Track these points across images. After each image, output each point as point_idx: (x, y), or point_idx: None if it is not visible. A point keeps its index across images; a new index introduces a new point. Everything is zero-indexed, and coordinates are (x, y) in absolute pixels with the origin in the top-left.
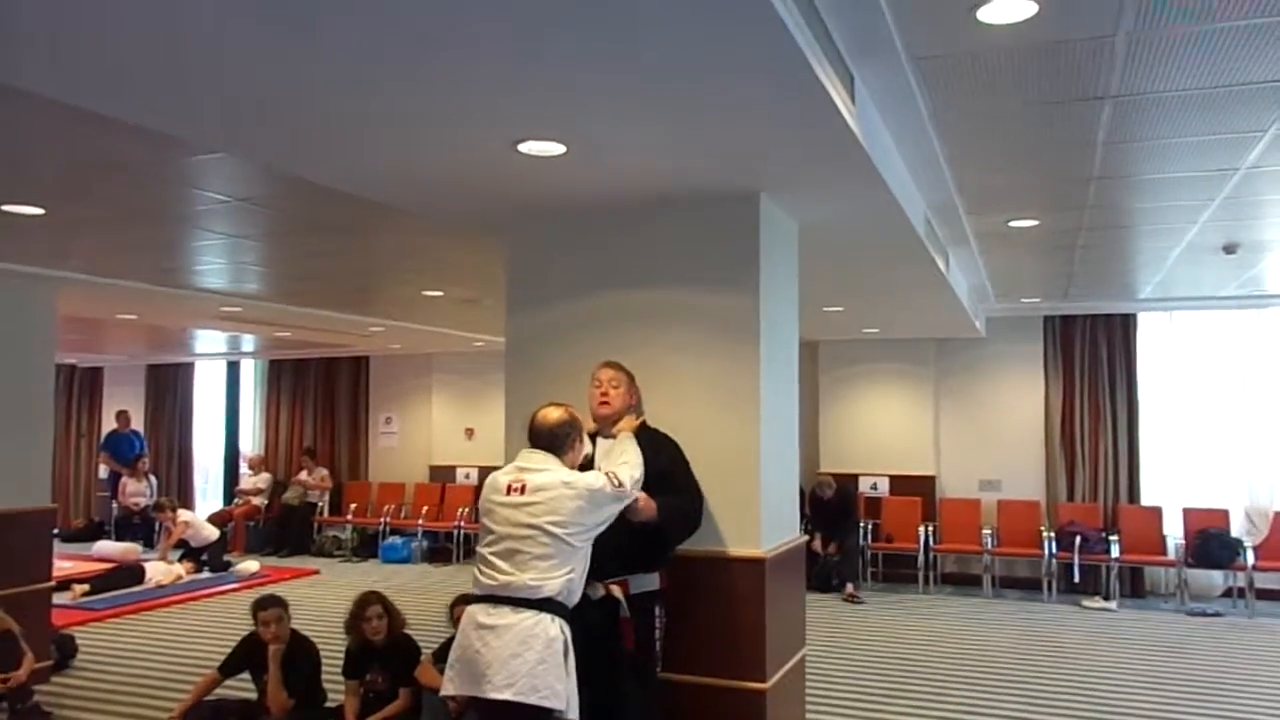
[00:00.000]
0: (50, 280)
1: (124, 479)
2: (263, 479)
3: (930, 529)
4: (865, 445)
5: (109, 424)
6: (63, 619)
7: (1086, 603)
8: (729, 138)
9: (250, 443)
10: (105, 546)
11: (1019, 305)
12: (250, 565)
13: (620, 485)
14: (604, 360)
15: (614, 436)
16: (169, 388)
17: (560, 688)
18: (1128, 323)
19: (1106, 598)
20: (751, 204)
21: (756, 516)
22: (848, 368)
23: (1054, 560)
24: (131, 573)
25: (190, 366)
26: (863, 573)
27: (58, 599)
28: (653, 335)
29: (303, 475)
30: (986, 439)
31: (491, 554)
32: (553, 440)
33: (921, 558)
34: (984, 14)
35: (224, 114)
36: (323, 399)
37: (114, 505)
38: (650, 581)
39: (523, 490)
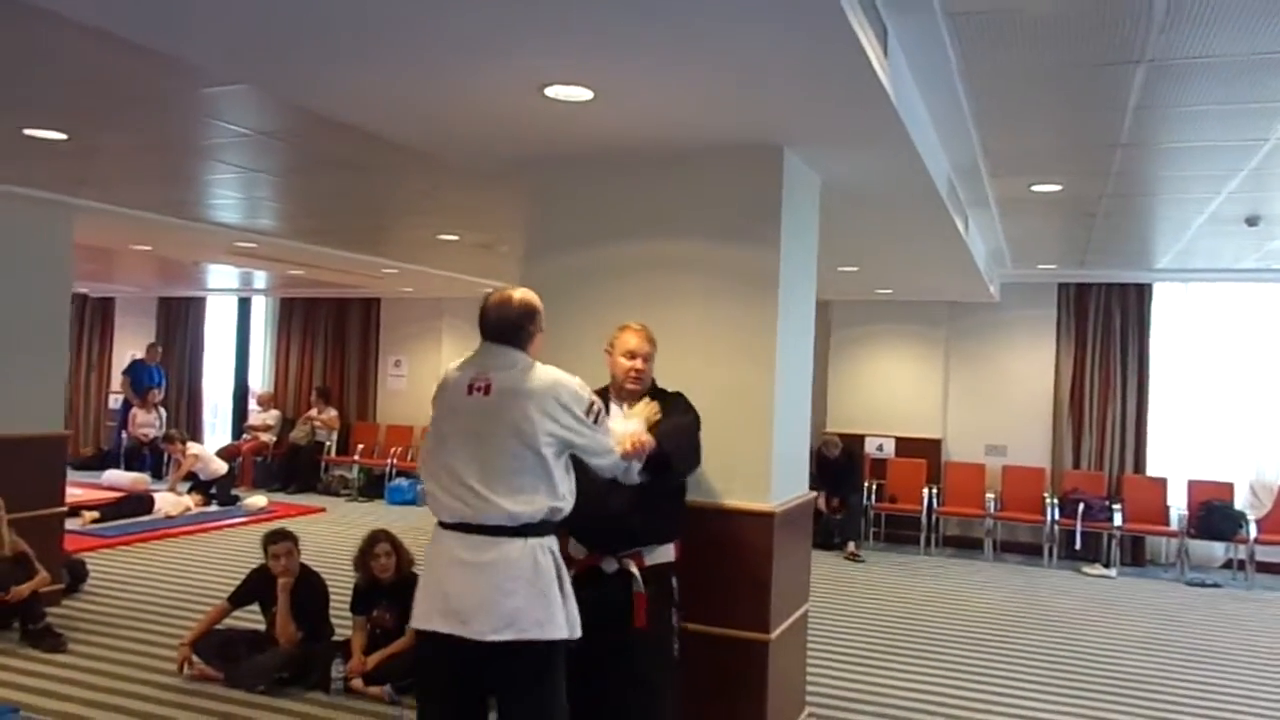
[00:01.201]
0: (68, 207)
1: (134, 409)
2: (271, 416)
3: (934, 491)
4: (873, 406)
5: (119, 355)
6: (73, 544)
7: (1086, 569)
8: (757, 88)
9: (260, 380)
10: (114, 476)
11: (1034, 271)
12: (258, 500)
13: (597, 423)
14: (631, 323)
15: (629, 404)
16: (180, 321)
17: (560, 616)
18: (1143, 292)
19: (1106, 565)
20: (775, 157)
21: (768, 470)
22: (859, 328)
23: (1056, 526)
24: (140, 502)
25: (201, 301)
26: (865, 532)
27: (68, 525)
28: (673, 285)
29: (312, 413)
30: (994, 404)
31: (458, 469)
32: (514, 330)
33: (924, 519)
34: None
35: (242, 42)
36: (333, 339)
37: (123, 435)
38: (665, 553)
39: (487, 390)
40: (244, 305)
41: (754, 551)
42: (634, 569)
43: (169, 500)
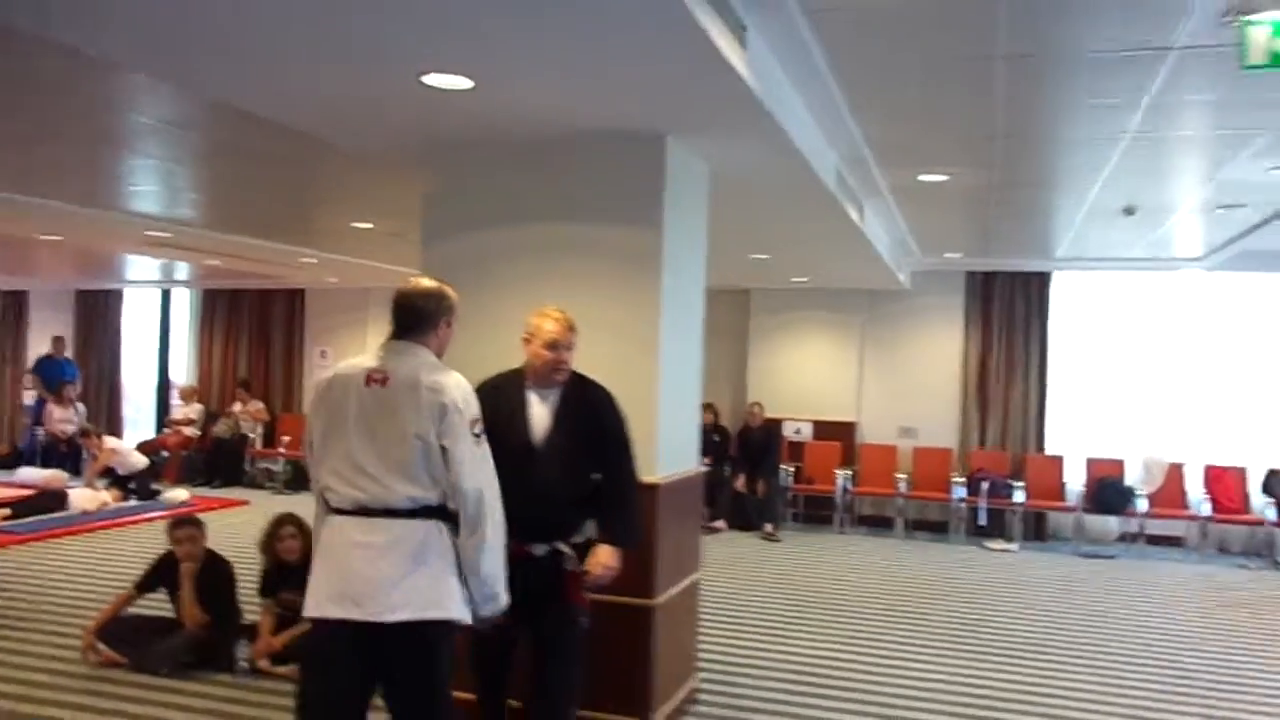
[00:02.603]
0: None
1: (49, 405)
2: (194, 409)
3: (849, 473)
4: (791, 391)
5: (34, 349)
6: None
7: (990, 545)
8: (630, 81)
9: (182, 373)
10: (28, 473)
11: (942, 260)
12: (179, 494)
13: (479, 436)
14: (550, 310)
15: (555, 387)
16: (99, 314)
17: (457, 597)
18: (1044, 280)
19: (1009, 540)
20: (658, 145)
21: (652, 446)
22: (778, 315)
23: (962, 504)
24: (54, 498)
25: (120, 293)
26: (783, 513)
27: None
28: (562, 270)
29: (236, 407)
30: (907, 388)
31: (356, 457)
32: (420, 322)
33: (839, 500)
34: None
35: (138, 35)
36: (257, 331)
37: (38, 432)
38: (591, 530)
39: (384, 383)
40: (165, 298)
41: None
42: (565, 549)
43: (85, 496)
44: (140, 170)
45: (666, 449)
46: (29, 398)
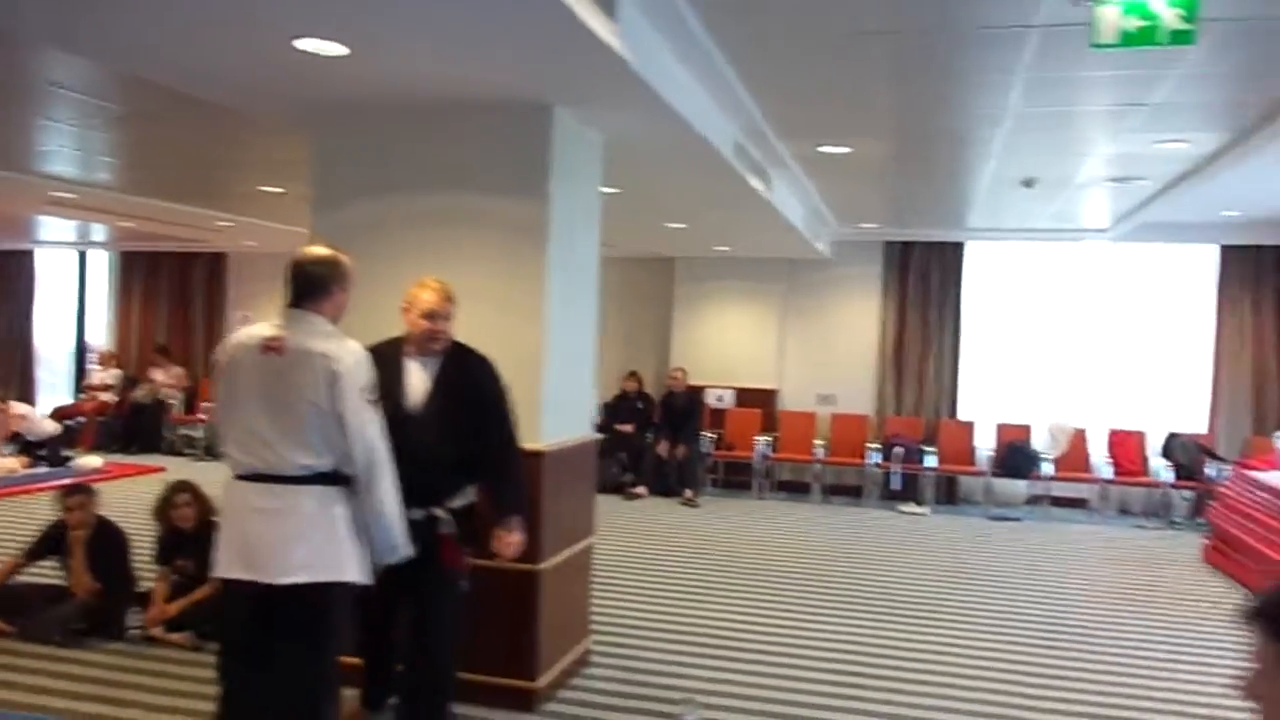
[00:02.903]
0: None
1: None
2: (111, 375)
3: (769, 439)
4: (715, 359)
5: None
6: None
7: (902, 508)
8: (502, 51)
9: (101, 337)
10: None
11: (860, 230)
12: (92, 461)
13: (371, 401)
14: (428, 280)
15: (435, 356)
16: (8, 275)
17: (351, 560)
18: (958, 250)
19: (921, 504)
20: (545, 115)
21: (537, 414)
22: (702, 283)
23: (877, 469)
24: None
25: (31, 254)
26: (704, 479)
27: None
28: (449, 238)
29: (156, 374)
30: (826, 356)
31: (252, 425)
32: (314, 289)
33: (758, 466)
34: None
35: None
36: (178, 295)
37: None
38: (470, 494)
39: (280, 351)
40: (82, 260)
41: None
42: (440, 513)
43: None
44: (46, 131)
45: (553, 417)
46: None
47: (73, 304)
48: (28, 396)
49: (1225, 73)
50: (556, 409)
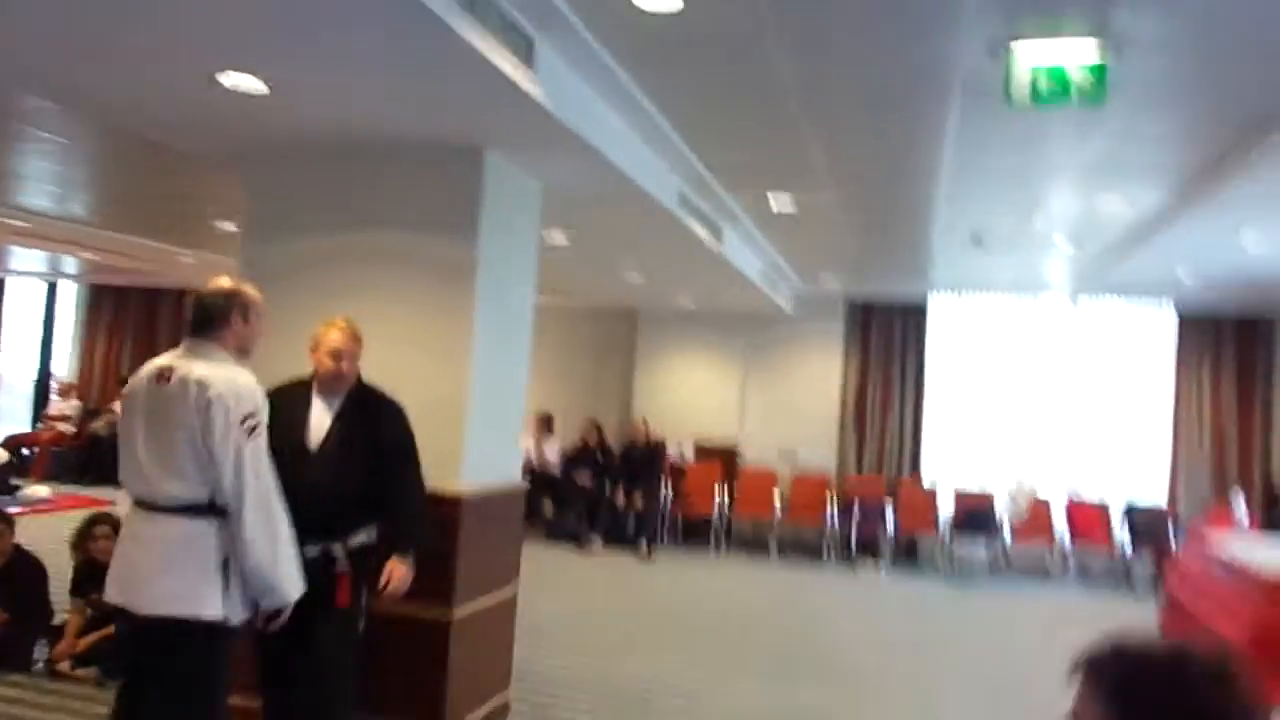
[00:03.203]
0: None
1: None
2: (71, 405)
3: (727, 495)
4: (675, 412)
5: None
6: None
7: (860, 569)
8: (420, 94)
9: (64, 368)
10: None
11: (822, 288)
12: (40, 490)
13: (253, 431)
14: (337, 319)
15: (340, 394)
16: None
17: (217, 597)
18: (920, 311)
19: (878, 565)
20: (475, 158)
21: (457, 457)
22: (665, 336)
23: (834, 528)
24: None
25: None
26: (662, 533)
27: None
28: (376, 279)
29: (116, 406)
30: (787, 412)
31: (137, 451)
32: (209, 321)
33: (716, 521)
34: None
35: None
36: (144, 327)
37: None
38: (369, 534)
39: (168, 380)
40: (51, 291)
41: (443, 534)
42: (338, 551)
43: None
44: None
45: (474, 461)
46: None
47: (38, 334)
48: None
49: (1150, 134)
50: (478, 454)
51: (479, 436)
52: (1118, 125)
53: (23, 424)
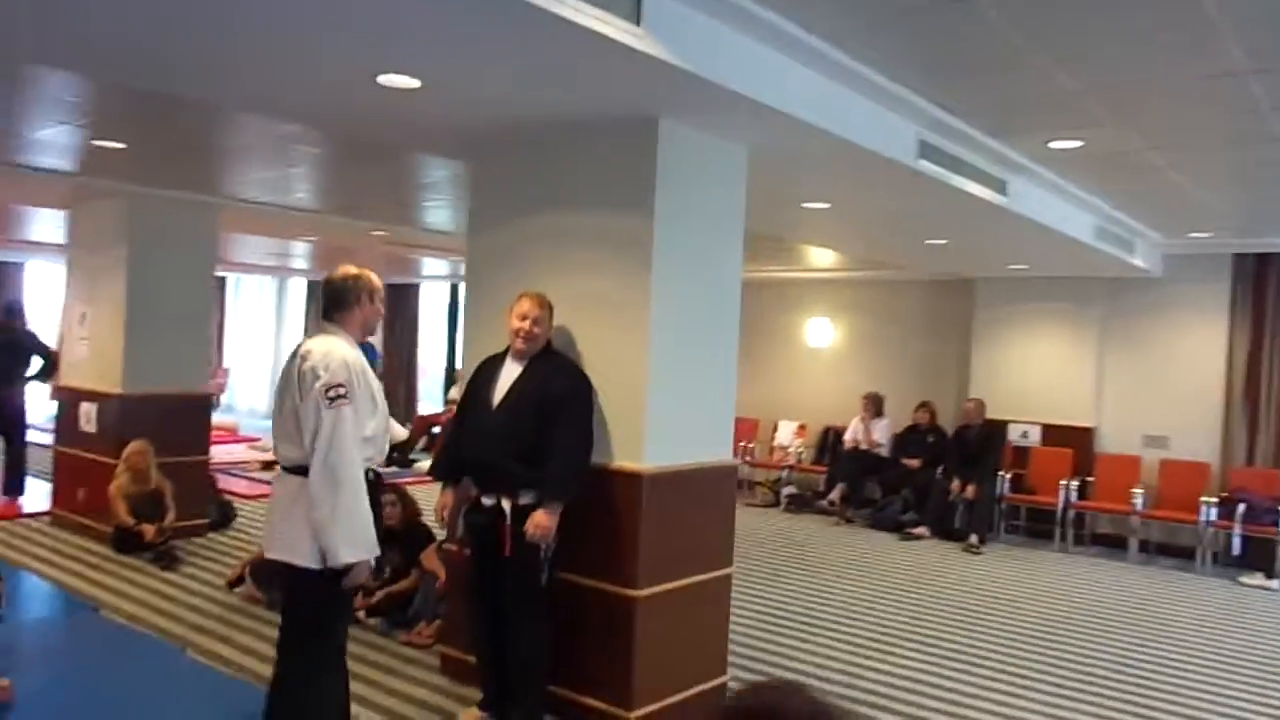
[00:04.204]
0: (207, 205)
1: None
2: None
3: (1077, 484)
4: (1019, 390)
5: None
6: (233, 487)
7: (1243, 579)
8: (548, 73)
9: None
10: None
11: (1197, 241)
12: (425, 464)
13: (334, 401)
14: (529, 290)
15: (527, 358)
16: (402, 305)
17: (308, 548)
18: None
19: (1270, 575)
20: (649, 128)
21: (640, 433)
22: (1005, 306)
23: (1210, 528)
24: None
25: (417, 288)
26: (1001, 525)
27: (264, 476)
28: (567, 258)
29: None
30: (1156, 391)
31: (275, 420)
32: (334, 304)
33: (1061, 514)
34: None
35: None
36: None
37: None
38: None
39: (295, 355)
40: (454, 291)
41: (626, 510)
42: (504, 504)
43: None
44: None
45: (660, 438)
46: None
47: (445, 329)
48: (410, 405)
49: None
50: (666, 430)
51: (666, 413)
52: None
53: (434, 406)
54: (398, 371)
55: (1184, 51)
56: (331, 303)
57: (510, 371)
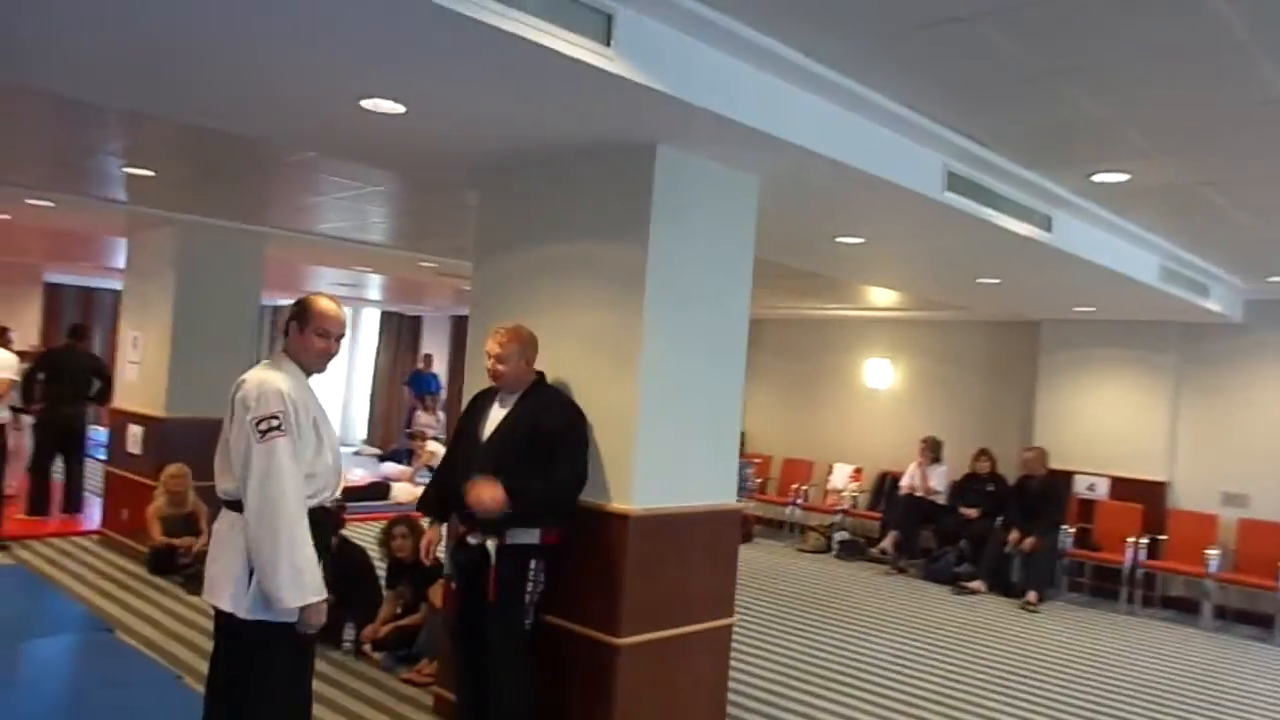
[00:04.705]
0: (252, 234)
1: (417, 410)
2: None
3: (1147, 542)
4: (1086, 439)
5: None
6: None
7: None
8: (528, 97)
9: None
10: (387, 467)
11: (1278, 286)
12: None
13: (266, 434)
14: (496, 325)
15: (517, 393)
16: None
17: (232, 589)
18: None
19: None
20: (645, 155)
21: (629, 473)
22: (1072, 351)
23: None
24: (377, 489)
25: None
26: (1064, 582)
27: None
28: (564, 288)
29: None
30: (1236, 445)
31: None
32: (286, 326)
33: (1129, 573)
34: None
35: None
36: None
37: (407, 433)
38: (528, 535)
39: (235, 386)
40: None
41: (612, 552)
42: (489, 545)
43: (404, 490)
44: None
45: (650, 478)
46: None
47: None
48: None
49: None
50: (657, 470)
51: (658, 452)
52: None
53: None
54: (455, 402)
55: (1217, 78)
56: (285, 330)
57: (499, 407)
